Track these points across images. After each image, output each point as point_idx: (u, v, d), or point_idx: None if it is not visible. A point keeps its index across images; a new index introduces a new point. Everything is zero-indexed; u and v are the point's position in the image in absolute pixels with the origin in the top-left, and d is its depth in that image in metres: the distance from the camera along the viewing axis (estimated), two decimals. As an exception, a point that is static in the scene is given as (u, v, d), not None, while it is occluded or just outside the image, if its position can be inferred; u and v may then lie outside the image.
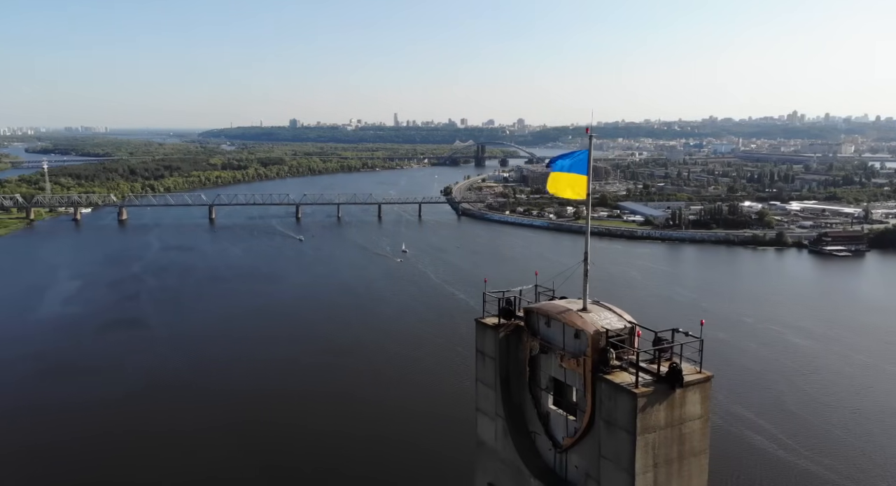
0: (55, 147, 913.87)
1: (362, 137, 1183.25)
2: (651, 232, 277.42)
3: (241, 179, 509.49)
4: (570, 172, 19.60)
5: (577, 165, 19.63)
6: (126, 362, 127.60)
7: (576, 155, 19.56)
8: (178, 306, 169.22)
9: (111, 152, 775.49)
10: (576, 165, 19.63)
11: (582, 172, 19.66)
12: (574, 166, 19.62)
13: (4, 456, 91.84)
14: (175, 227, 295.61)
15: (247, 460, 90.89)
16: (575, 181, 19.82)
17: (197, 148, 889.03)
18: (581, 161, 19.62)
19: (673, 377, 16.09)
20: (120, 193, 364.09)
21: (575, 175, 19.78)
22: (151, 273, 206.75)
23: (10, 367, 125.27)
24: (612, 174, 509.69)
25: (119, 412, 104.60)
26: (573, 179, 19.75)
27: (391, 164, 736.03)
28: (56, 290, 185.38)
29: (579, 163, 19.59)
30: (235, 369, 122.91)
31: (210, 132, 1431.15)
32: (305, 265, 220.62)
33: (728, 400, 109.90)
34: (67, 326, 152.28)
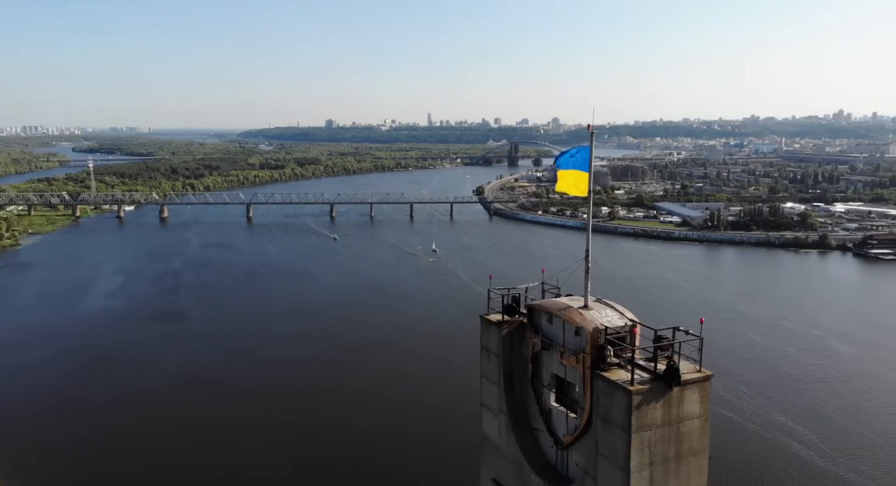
0: (101, 147, 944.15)
1: (396, 137, 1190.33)
2: (688, 233, 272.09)
3: (278, 178, 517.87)
4: (573, 170, 19.50)
5: (579, 162, 19.58)
6: (164, 356, 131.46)
7: (579, 152, 19.49)
8: (215, 302, 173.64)
9: (154, 152, 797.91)
10: (578, 162, 19.58)
11: (584, 169, 19.57)
12: (577, 164, 19.56)
13: (46, 444, 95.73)
14: (214, 225, 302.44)
15: (277, 456, 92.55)
16: (578, 178, 19.78)
17: (236, 148, 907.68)
18: (583, 158, 19.55)
19: (670, 376, 15.90)
20: (162, 192, 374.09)
21: (578, 172, 19.71)
22: (190, 269, 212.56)
23: (56, 358, 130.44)
24: (649, 174, 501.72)
25: (156, 405, 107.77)
26: (577, 176, 19.69)
27: (424, 163, 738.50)
28: (100, 284, 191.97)
29: (581, 160, 19.53)
30: (269, 366, 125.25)
31: (249, 133, 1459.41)
32: (338, 263, 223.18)
33: (765, 406, 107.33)
34: (110, 319, 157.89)
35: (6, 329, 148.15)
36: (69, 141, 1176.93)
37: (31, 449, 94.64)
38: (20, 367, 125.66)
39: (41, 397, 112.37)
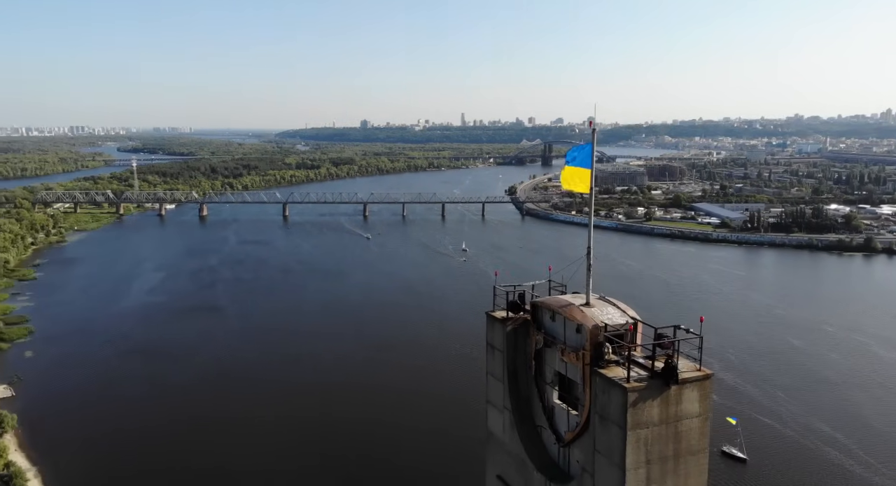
0: (144, 146, 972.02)
1: (429, 137, 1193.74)
2: (727, 235, 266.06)
3: (314, 178, 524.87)
4: (577, 167, 19.52)
5: (582, 158, 19.60)
6: (201, 351, 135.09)
7: (583, 148, 19.49)
8: (250, 298, 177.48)
9: (195, 152, 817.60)
10: (581, 158, 19.60)
11: (586, 165, 19.56)
12: (580, 161, 19.58)
13: (85, 433, 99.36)
14: (251, 223, 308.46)
15: (307, 449, 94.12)
16: (582, 175, 19.78)
17: (273, 148, 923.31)
18: (586, 155, 19.55)
19: (667, 374, 15.72)
20: (201, 191, 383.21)
21: (581, 169, 19.72)
22: (228, 266, 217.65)
23: (98, 350, 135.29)
24: (687, 174, 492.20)
25: (190, 399, 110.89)
26: (581, 173, 19.70)
27: (456, 163, 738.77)
28: (141, 280, 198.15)
29: (584, 156, 19.54)
30: (301, 362, 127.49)
31: (286, 133, 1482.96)
32: (370, 262, 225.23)
33: (803, 411, 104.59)
34: (150, 313, 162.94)
35: (52, 322, 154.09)
36: (114, 141, 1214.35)
37: (71, 437, 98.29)
38: (65, 358, 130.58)
39: (82, 387, 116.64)
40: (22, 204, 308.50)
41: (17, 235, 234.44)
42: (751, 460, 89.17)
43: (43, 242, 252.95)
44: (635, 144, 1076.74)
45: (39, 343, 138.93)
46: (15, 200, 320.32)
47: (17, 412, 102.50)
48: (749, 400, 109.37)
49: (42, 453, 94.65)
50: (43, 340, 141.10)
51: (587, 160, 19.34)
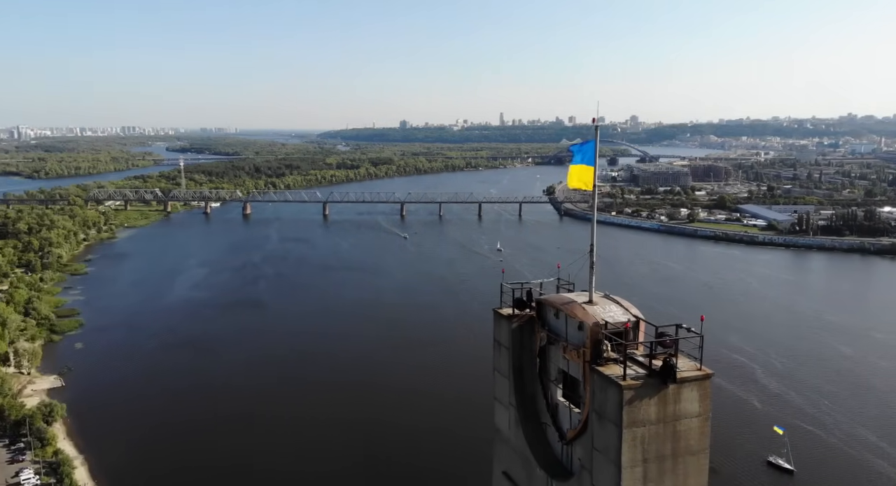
0: (191, 146, 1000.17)
1: (468, 137, 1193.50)
2: (774, 238, 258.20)
3: (353, 177, 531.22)
4: (582, 165, 19.29)
5: (586, 156, 19.35)
6: (243, 345, 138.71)
7: (586, 146, 19.24)
8: (290, 293, 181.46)
9: (240, 151, 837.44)
10: (585, 156, 19.35)
11: (589, 163, 19.29)
12: (584, 158, 19.33)
13: (129, 422, 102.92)
14: (292, 221, 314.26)
15: (341, 446, 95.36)
16: (585, 173, 19.54)
17: (315, 148, 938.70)
18: (589, 153, 19.28)
19: (665, 373, 15.40)
20: (245, 190, 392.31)
21: (585, 167, 19.48)
22: (269, 262, 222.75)
23: (144, 342, 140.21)
24: (732, 175, 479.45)
25: (230, 393, 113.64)
26: (585, 170, 19.47)
27: (494, 163, 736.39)
28: (186, 275, 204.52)
29: (588, 154, 19.28)
30: (338, 359, 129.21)
31: (327, 134, 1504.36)
32: (406, 261, 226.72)
33: (848, 420, 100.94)
34: (194, 307, 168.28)
35: (102, 315, 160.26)
36: (163, 141, 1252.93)
37: (116, 428, 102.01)
38: (112, 350, 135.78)
39: (128, 379, 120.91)
40: (75, 201, 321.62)
41: (71, 232, 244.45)
42: (798, 472, 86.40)
43: (94, 238, 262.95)
44: (679, 144, 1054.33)
45: (89, 335, 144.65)
46: (69, 197, 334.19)
47: (66, 402, 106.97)
48: (794, 408, 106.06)
49: (88, 441, 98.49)
50: (92, 332, 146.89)
51: (590, 158, 19.11)
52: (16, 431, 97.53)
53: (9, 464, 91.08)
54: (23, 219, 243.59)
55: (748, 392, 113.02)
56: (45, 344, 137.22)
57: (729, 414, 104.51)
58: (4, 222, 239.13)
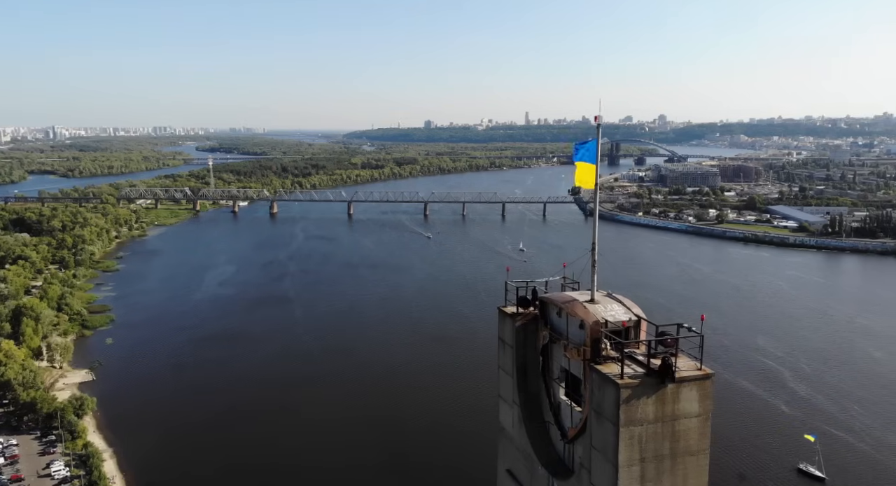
0: (220, 146, 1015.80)
1: (492, 137, 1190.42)
2: (805, 239, 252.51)
3: (378, 177, 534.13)
4: (585, 162, 19.22)
5: (588, 154, 19.25)
6: (268, 340, 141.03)
7: (589, 144, 19.15)
8: (315, 290, 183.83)
9: (267, 151, 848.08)
10: (587, 154, 19.25)
11: (591, 161, 19.18)
12: (587, 156, 19.24)
13: (159, 417, 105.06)
14: (318, 220, 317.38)
15: (366, 444, 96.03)
16: (588, 171, 19.46)
17: (341, 148, 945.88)
18: (591, 150, 19.18)
19: (663, 372, 15.19)
20: (272, 189, 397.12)
21: (588, 164, 19.39)
22: (295, 260, 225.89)
23: (172, 336, 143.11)
24: (763, 175, 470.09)
25: (255, 388, 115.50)
26: (588, 168, 19.39)
27: (519, 163, 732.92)
28: (214, 271, 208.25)
29: (590, 152, 19.18)
30: (361, 355, 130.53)
31: (353, 134, 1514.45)
32: (430, 260, 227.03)
33: (880, 426, 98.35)
34: (222, 303, 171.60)
35: (132, 311, 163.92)
36: (193, 141, 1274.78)
37: (144, 421, 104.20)
38: (142, 345, 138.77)
39: (157, 373, 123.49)
40: (108, 200, 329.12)
41: (103, 229, 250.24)
42: (830, 479, 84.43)
43: (126, 235, 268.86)
44: (708, 144, 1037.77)
45: (119, 331, 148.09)
46: (101, 196, 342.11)
47: (96, 396, 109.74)
48: (824, 413, 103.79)
49: (117, 435, 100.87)
50: (123, 327, 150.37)
51: (591, 156, 19.05)
52: (47, 423, 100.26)
53: (40, 456, 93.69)
54: (57, 217, 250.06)
55: (776, 396, 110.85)
56: (77, 339, 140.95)
57: (757, 419, 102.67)
58: (39, 220, 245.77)
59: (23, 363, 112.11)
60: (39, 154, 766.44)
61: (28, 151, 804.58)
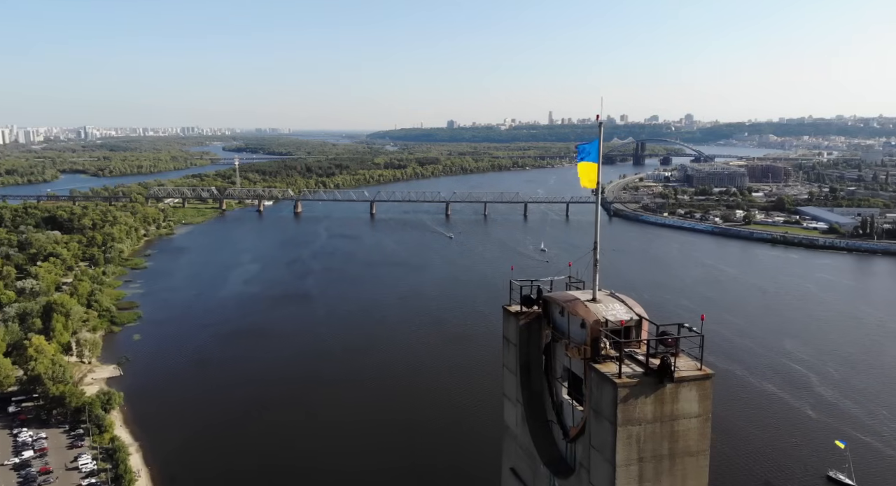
0: (247, 146, 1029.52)
1: (515, 136, 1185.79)
2: (835, 241, 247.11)
3: (400, 177, 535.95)
4: (588, 162, 19.25)
5: (591, 154, 19.27)
6: (292, 337, 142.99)
7: (592, 144, 19.19)
8: (337, 288, 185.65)
9: (292, 152, 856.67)
10: (590, 154, 19.27)
11: (594, 160, 19.17)
12: (590, 156, 19.27)
13: (184, 412, 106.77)
14: (341, 219, 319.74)
15: (385, 442, 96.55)
16: (591, 170, 19.46)
17: (364, 148, 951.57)
18: (594, 150, 19.20)
19: (662, 372, 15.04)
20: (297, 189, 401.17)
21: (591, 164, 19.41)
22: (318, 258, 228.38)
23: (200, 334, 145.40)
24: (792, 175, 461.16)
25: (278, 384, 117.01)
26: (590, 168, 19.41)
27: (541, 162, 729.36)
28: (239, 269, 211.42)
29: (593, 152, 19.20)
30: (382, 353, 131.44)
31: (376, 134, 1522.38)
32: (450, 259, 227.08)
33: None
34: (246, 300, 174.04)
35: (159, 307, 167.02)
36: (220, 141, 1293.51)
37: (169, 416, 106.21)
38: (168, 341, 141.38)
39: (182, 369, 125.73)
40: (137, 198, 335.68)
41: (132, 228, 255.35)
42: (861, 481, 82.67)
43: (154, 233, 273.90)
44: (736, 143, 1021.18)
45: (147, 327, 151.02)
46: (131, 194, 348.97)
47: (123, 391, 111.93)
48: (852, 419, 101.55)
49: (143, 429, 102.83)
50: (150, 324, 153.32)
51: (594, 155, 19.10)
52: (76, 417, 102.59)
53: (68, 449, 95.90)
54: (88, 215, 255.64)
55: (802, 401, 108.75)
56: (106, 335, 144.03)
57: (783, 424, 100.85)
58: (70, 218, 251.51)
59: (53, 358, 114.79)
60: (71, 154, 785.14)
61: (60, 151, 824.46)
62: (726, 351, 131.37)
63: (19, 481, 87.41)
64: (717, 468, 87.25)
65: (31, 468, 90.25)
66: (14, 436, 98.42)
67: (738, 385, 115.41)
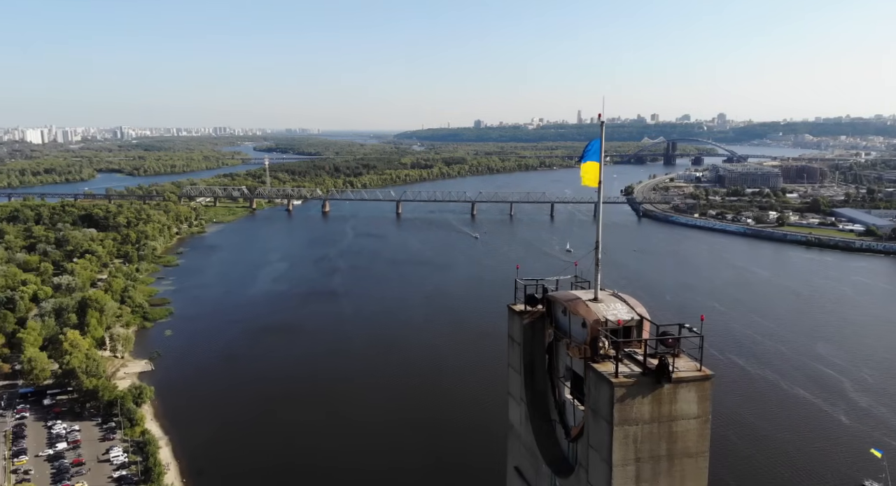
0: (277, 146, 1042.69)
1: (543, 136, 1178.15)
2: (872, 244, 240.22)
3: (427, 177, 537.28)
4: (591, 162, 19.34)
5: (593, 153, 19.36)
6: (319, 333, 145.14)
7: (593, 144, 19.30)
8: (363, 286, 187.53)
9: (321, 152, 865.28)
10: (592, 153, 19.36)
11: (595, 159, 19.19)
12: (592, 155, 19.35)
13: (213, 407, 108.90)
14: (367, 219, 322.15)
15: (410, 441, 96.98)
16: (593, 170, 19.54)
17: (391, 148, 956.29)
18: (595, 149, 19.26)
19: (660, 372, 14.88)
20: (325, 188, 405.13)
21: (593, 163, 19.45)
22: (345, 257, 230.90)
23: (229, 330, 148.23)
24: (828, 176, 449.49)
25: (304, 380, 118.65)
26: (592, 167, 19.46)
27: (569, 162, 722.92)
28: (268, 267, 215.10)
29: (595, 151, 19.27)
30: (404, 352, 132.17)
31: (404, 134, 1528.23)
32: (475, 259, 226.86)
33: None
34: (275, 297, 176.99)
35: (190, 304, 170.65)
36: (251, 141, 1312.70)
37: (198, 410, 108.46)
38: (199, 336, 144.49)
39: (212, 364, 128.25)
40: (170, 197, 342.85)
41: (165, 226, 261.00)
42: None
43: (186, 232, 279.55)
44: (770, 143, 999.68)
45: (178, 323, 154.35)
46: (164, 193, 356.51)
47: (154, 385, 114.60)
48: (887, 426, 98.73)
49: (173, 423, 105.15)
50: (181, 320, 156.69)
51: (595, 154, 19.26)
52: (108, 411, 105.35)
53: (100, 441, 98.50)
54: (122, 213, 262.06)
55: (835, 407, 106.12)
56: (138, 330, 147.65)
57: (815, 430, 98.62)
58: (106, 216, 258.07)
59: (87, 353, 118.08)
60: (108, 153, 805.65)
61: (97, 151, 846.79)
62: (756, 354, 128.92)
63: (53, 472, 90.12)
64: (746, 473, 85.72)
65: (65, 460, 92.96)
66: (49, 428, 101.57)
67: (769, 389, 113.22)
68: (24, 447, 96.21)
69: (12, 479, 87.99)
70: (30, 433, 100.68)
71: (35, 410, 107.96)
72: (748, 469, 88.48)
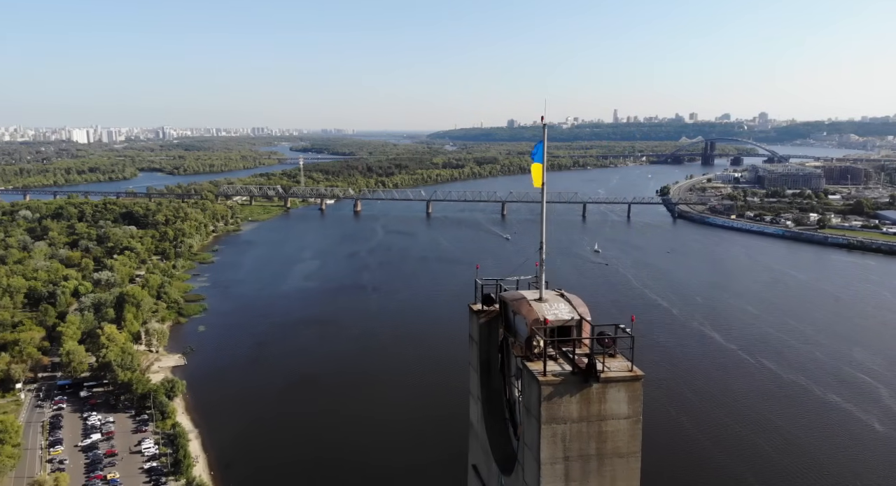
0: (312, 146, 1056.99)
1: (577, 135, 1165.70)
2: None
3: (458, 177, 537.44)
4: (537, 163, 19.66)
5: (538, 154, 19.56)
6: (349, 330, 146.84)
7: (538, 147, 19.58)
8: (392, 283, 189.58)
9: (355, 152, 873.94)
10: (537, 156, 19.60)
11: (538, 161, 19.41)
12: (536, 157, 19.61)
13: (243, 402, 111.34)
14: (398, 218, 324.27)
15: (429, 448, 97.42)
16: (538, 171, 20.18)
17: (424, 148, 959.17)
18: (539, 151, 19.55)
19: (588, 371, 14.79)
20: (357, 188, 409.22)
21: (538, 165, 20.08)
22: (375, 254, 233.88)
23: (262, 326, 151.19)
24: (874, 178, 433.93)
25: (334, 377, 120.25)
26: (537, 168, 20.12)
27: (604, 162, 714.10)
28: (301, 264, 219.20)
29: (539, 153, 19.54)
30: (431, 350, 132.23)
31: (436, 134, 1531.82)
32: (503, 258, 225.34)
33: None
34: (307, 293, 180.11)
35: (224, 300, 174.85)
36: (288, 141, 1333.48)
37: (229, 405, 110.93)
38: (231, 332, 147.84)
39: (244, 359, 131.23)
40: (207, 196, 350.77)
41: (202, 223, 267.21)
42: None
43: (222, 229, 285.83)
44: (814, 143, 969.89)
45: (212, 318, 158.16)
46: (202, 192, 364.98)
47: (186, 379, 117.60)
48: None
49: (203, 417, 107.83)
50: (215, 316, 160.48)
51: (538, 156, 19.58)
52: (141, 403, 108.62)
53: (133, 433, 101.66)
54: (161, 211, 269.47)
55: (868, 413, 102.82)
56: (173, 325, 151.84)
57: (849, 437, 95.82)
58: (146, 214, 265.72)
59: (123, 347, 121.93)
60: (150, 153, 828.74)
61: (140, 150, 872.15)
62: (789, 358, 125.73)
63: (87, 462, 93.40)
64: (773, 479, 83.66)
65: (98, 451, 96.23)
66: (84, 419, 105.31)
67: (800, 393, 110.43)
68: (60, 438, 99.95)
69: (48, 468, 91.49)
70: (66, 423, 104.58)
71: (72, 402, 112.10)
72: (774, 474, 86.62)
